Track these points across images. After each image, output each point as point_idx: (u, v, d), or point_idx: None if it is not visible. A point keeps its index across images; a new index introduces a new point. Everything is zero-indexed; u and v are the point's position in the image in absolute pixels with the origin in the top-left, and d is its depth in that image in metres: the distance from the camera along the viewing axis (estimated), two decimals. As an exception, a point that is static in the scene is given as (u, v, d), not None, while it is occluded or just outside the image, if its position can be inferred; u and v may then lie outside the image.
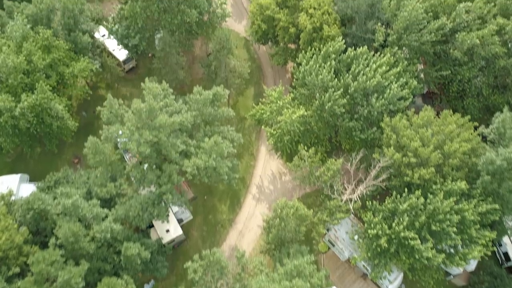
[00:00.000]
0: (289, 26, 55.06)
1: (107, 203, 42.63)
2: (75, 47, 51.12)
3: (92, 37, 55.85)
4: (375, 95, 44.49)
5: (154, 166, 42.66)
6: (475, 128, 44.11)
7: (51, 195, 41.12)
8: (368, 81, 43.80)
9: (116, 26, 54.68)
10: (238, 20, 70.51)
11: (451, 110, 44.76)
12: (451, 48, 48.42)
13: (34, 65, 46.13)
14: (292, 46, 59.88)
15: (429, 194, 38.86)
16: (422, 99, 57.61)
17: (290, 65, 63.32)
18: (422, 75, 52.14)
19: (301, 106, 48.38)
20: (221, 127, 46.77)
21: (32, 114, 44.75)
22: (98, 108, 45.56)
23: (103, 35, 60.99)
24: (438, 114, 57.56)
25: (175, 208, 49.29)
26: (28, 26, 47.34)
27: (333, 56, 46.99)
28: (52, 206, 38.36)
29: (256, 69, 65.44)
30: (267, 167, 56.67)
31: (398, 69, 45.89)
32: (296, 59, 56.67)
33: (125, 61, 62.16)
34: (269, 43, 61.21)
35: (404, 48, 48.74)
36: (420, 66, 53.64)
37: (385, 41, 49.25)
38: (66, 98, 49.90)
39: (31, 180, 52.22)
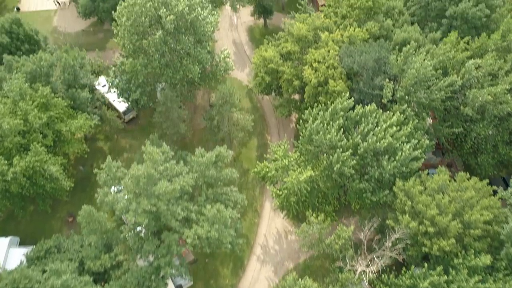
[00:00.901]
0: (293, 79, 53.37)
1: (101, 275, 39.05)
2: (74, 103, 49.13)
3: (92, 90, 54.10)
4: (386, 156, 41.93)
5: (152, 235, 39.44)
6: (494, 192, 41.25)
7: (40, 268, 37.63)
8: (379, 142, 41.38)
9: (117, 80, 52.97)
10: (240, 68, 69.25)
11: (467, 173, 41.96)
12: (461, 105, 46.41)
13: (30, 124, 43.89)
14: (296, 96, 58.15)
15: (451, 270, 35.46)
16: (432, 152, 55.12)
17: (294, 115, 61.38)
18: (431, 130, 49.89)
19: (308, 166, 45.71)
20: (224, 188, 43.95)
21: (24, 177, 42.03)
22: (96, 170, 42.86)
23: (104, 85, 59.41)
24: (450, 168, 55.14)
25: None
26: (26, 84, 45.40)
27: (341, 113, 44.86)
28: (40, 284, 34.80)
29: (259, 118, 63.36)
30: (272, 225, 53.28)
31: (409, 128, 43.61)
32: (301, 111, 54.88)
33: (125, 112, 60.20)
34: (273, 93, 59.51)
35: (413, 103, 46.75)
36: (429, 120, 51.53)
37: (393, 95, 47.36)
38: (62, 157, 47.33)
39: (22, 242, 48.76)
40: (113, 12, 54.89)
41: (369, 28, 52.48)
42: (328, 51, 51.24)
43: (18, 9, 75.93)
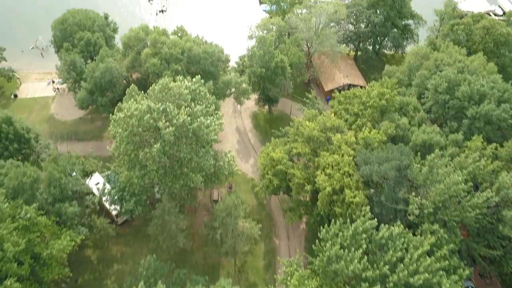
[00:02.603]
0: (304, 183, 47.73)
1: None
2: (59, 218, 42.81)
3: (82, 197, 48.04)
4: (422, 294, 34.86)
5: None
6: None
7: None
8: (412, 278, 34.48)
9: (109, 187, 47.17)
10: (245, 159, 64.02)
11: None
12: (498, 222, 40.20)
13: (4, 252, 37.12)
14: (308, 197, 52.14)
15: None
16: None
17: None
18: (465, 247, 43.16)
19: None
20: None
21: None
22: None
23: (97, 183, 53.70)
24: (483, 278, 47.67)
25: None
26: (6, 205, 39.23)
27: (364, 235, 38.42)
28: None
29: (266, 218, 56.67)
30: None
31: (443, 252, 36.97)
32: (313, 216, 48.68)
33: (118, 215, 53.72)
34: (281, 192, 53.57)
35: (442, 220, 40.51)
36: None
37: (419, 210, 41.28)
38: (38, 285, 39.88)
39: None
40: (111, 106, 51.10)
41: (385, 128, 47.90)
42: (342, 155, 46.14)
43: (15, 96, 72.41)
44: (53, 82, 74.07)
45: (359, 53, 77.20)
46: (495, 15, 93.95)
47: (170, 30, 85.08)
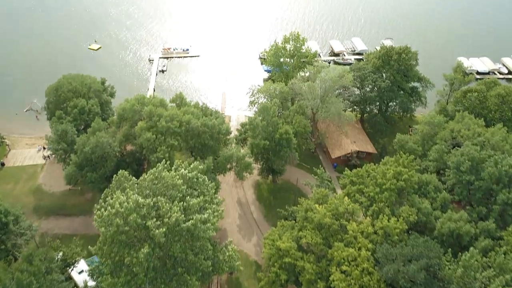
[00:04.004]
0: (316, 278, 40.97)
1: None
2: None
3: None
4: None
5: None
6: None
7: None
8: None
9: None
10: (247, 237, 57.20)
11: None
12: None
13: None
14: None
15: None
16: None
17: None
18: None
19: None
20: None
21: None
22: None
23: (81, 271, 47.06)
24: None
25: None
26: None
27: None
28: None
29: (271, 312, 49.12)
30: None
31: None
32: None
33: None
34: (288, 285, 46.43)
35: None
36: None
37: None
38: None
39: None
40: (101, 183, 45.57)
41: (406, 215, 42.05)
42: (359, 249, 39.86)
43: (3, 164, 67.03)
44: (44, 148, 69.13)
45: (365, 115, 73.22)
46: (500, 73, 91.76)
47: (169, 93, 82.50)
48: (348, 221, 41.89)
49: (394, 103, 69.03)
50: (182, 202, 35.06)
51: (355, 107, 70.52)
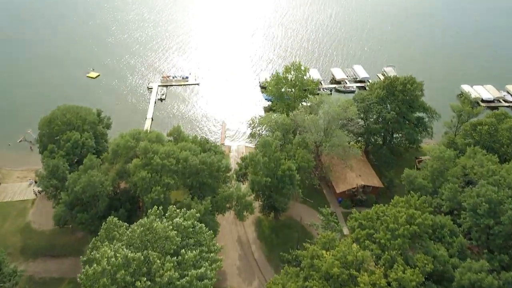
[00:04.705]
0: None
1: None
2: None
3: None
4: None
5: None
6: None
7: None
8: None
9: None
10: (247, 281, 52.63)
11: None
12: None
13: None
14: None
15: None
16: None
17: None
18: None
19: None
20: None
21: None
22: None
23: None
24: None
25: None
26: None
27: None
28: None
29: None
30: None
31: None
32: None
33: None
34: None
35: None
36: None
37: None
38: None
39: None
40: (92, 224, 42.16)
41: (420, 265, 38.36)
42: (373, 304, 36.02)
43: (-9, 199, 63.85)
44: (35, 182, 65.84)
45: (369, 146, 70.32)
46: (505, 101, 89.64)
47: (168, 121, 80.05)
48: (359, 270, 38.16)
49: (400, 135, 66.26)
50: (176, 257, 31.50)
51: (359, 138, 67.70)
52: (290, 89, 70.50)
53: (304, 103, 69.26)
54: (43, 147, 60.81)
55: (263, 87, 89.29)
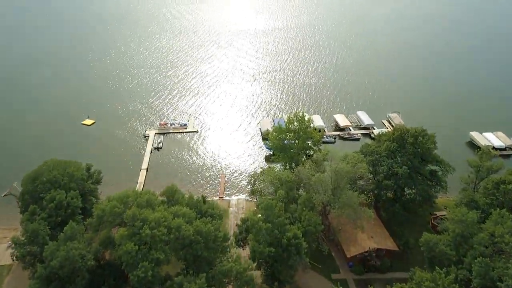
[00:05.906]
0: None
1: None
2: None
3: None
4: None
5: None
6: None
7: None
8: None
9: None
10: None
11: None
12: None
13: None
14: None
15: None
16: None
17: None
18: None
19: None
20: None
21: None
22: None
23: None
24: None
25: None
26: None
27: None
28: None
29: None
30: None
31: None
32: None
33: None
34: None
35: None
36: None
37: None
38: None
39: None
40: None
41: None
42: None
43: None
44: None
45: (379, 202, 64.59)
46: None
47: (164, 171, 74.76)
48: None
49: (413, 191, 60.84)
50: None
51: (369, 193, 62.23)
52: (293, 141, 66.09)
53: (308, 155, 64.56)
54: (25, 206, 55.40)
55: (264, 138, 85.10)
